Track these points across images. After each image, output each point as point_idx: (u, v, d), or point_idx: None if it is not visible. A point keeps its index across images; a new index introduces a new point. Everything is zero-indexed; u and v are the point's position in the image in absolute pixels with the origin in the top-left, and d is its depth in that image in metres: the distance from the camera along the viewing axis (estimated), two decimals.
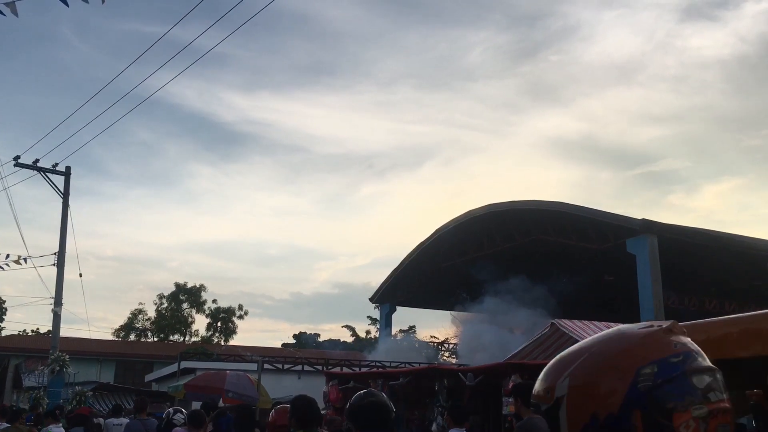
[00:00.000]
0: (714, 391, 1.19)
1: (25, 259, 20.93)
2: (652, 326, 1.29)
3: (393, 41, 73.06)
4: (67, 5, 10.01)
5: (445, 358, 34.20)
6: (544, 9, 63.51)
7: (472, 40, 67.92)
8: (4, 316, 49.59)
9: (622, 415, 1.16)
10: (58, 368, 19.32)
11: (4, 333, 47.10)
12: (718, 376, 1.23)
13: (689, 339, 1.26)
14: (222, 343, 51.40)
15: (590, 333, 12.22)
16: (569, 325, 12.57)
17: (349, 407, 3.73)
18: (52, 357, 19.88)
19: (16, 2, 10.29)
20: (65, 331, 24.50)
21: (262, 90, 79.22)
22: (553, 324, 13.00)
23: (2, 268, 21.32)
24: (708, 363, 1.24)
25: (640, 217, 20.05)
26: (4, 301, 48.91)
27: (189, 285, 53.05)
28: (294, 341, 61.83)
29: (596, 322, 12.95)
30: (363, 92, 76.72)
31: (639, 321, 14.95)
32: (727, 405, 1.20)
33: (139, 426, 10.69)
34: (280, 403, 7.75)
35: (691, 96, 66.45)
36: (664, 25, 60.32)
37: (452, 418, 7.29)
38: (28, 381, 29.48)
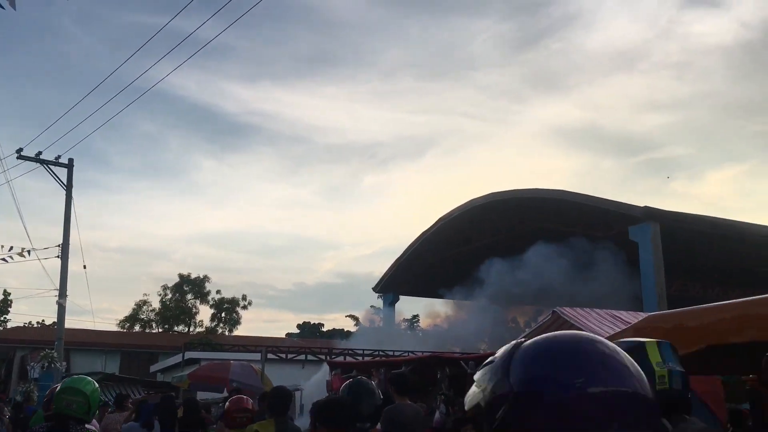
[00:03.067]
0: None
1: (29, 252, 21.04)
2: None
3: (394, 31, 72.81)
4: None
5: (450, 347, 34.25)
6: None
7: (473, 29, 67.65)
8: (9, 308, 49.77)
9: None
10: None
11: (9, 325, 47.33)
12: None
13: None
14: (226, 333, 51.61)
15: (592, 321, 12.24)
16: (571, 313, 12.58)
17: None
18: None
19: None
20: (70, 323, 24.65)
21: (263, 81, 79.10)
22: (554, 312, 13.01)
23: (6, 260, 21.43)
24: None
25: (642, 205, 20.04)
26: (9, 294, 49.07)
27: (193, 276, 53.19)
28: (298, 331, 62.02)
29: (598, 310, 12.95)
30: (364, 82, 76.53)
31: (642, 308, 14.99)
32: None
33: None
34: None
35: (694, 83, 66.14)
36: (666, 11, 59.93)
37: (396, 388, 6.28)
38: (34, 373, 29.68)
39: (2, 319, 49.32)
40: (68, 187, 21.31)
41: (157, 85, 26.34)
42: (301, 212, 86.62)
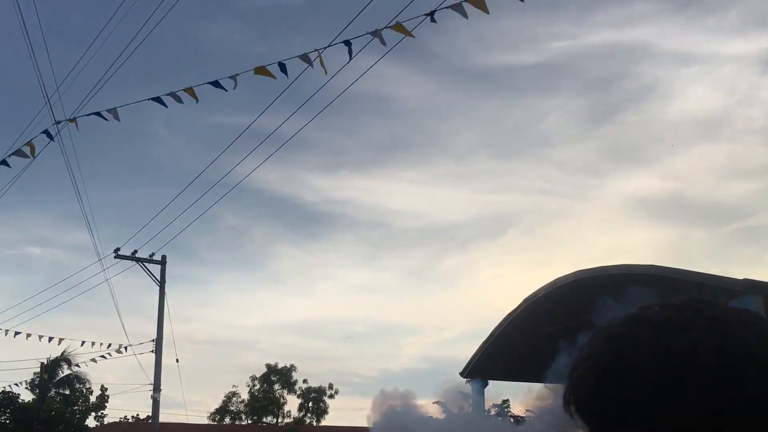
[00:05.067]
0: None
1: (125, 348, 21.84)
2: None
3: (466, 113, 73.95)
4: (165, 106, 10.77)
5: None
6: (618, 71, 63.07)
7: (546, 107, 67.94)
8: (106, 404, 51.30)
9: None
10: None
11: (106, 420, 48.59)
12: None
13: None
14: (314, 423, 51.20)
15: None
16: None
17: None
18: None
19: (117, 108, 11.18)
20: (163, 417, 25.05)
21: (341, 169, 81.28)
22: None
23: (105, 357, 22.28)
24: None
25: (741, 277, 19.06)
26: (106, 389, 50.70)
27: (279, 365, 53.58)
28: None
29: None
30: (440, 165, 77.44)
31: None
32: None
33: None
34: None
35: None
36: (745, 77, 58.62)
37: None
38: None
39: (99, 414, 50.84)
40: (161, 283, 22.18)
41: (242, 181, 27.52)
42: (383, 297, 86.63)
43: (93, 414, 50.98)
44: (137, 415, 53.65)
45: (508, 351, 29.00)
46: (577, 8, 58.54)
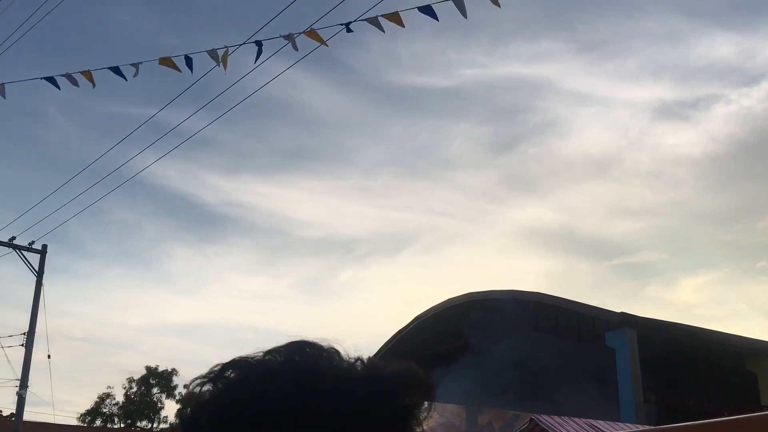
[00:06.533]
0: None
1: None
2: None
3: (375, 130, 74.58)
4: (59, 88, 10.17)
5: None
6: (522, 104, 65.57)
7: (452, 131, 69.56)
8: None
9: None
10: None
11: None
12: None
13: None
14: None
15: (569, 429, 11.98)
16: (549, 420, 12.35)
17: None
18: None
19: (5, 84, 10.46)
20: (29, 415, 23.56)
21: (243, 173, 79.93)
22: (532, 419, 12.77)
23: None
24: None
25: (618, 310, 20.06)
26: None
27: (160, 369, 51.71)
28: None
29: (576, 419, 12.72)
30: (345, 178, 77.63)
31: (619, 417, 14.85)
32: None
33: None
34: None
35: (664, 191, 67.89)
36: (637, 123, 62.26)
37: None
38: None
39: None
40: (39, 274, 20.93)
41: (138, 174, 26.49)
42: (275, 305, 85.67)
43: None
44: (0, 411, 50.31)
45: None
46: (489, 39, 60.51)
